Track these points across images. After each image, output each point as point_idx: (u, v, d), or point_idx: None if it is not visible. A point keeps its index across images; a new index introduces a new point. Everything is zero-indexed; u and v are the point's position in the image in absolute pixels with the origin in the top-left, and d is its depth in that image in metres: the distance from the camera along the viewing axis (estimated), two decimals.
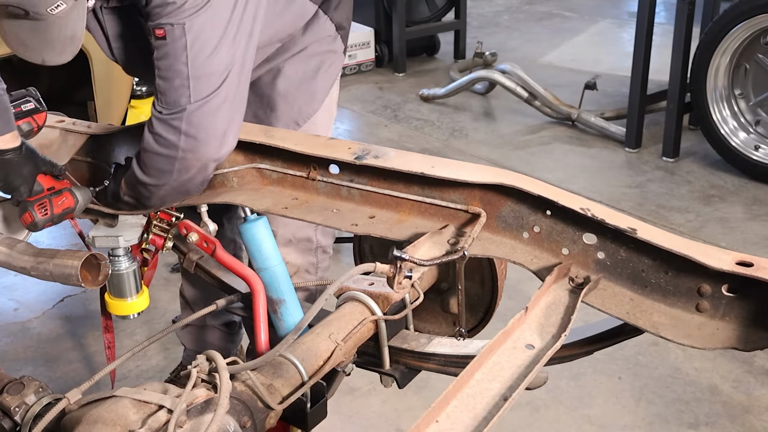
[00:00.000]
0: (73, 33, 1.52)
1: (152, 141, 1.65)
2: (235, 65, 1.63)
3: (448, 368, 1.62)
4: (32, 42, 1.50)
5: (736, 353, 2.85)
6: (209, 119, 1.62)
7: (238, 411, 1.24)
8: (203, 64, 1.59)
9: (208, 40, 1.58)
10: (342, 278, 1.35)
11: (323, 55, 2.05)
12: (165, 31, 1.57)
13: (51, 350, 3.10)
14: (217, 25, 1.58)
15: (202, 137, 1.63)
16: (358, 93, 6.02)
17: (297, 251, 2.16)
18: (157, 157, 1.67)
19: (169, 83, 1.60)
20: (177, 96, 1.60)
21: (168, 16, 1.55)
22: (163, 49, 1.59)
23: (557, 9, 8.42)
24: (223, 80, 1.61)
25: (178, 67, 1.58)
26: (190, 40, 1.56)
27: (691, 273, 1.31)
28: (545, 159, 4.80)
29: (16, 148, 1.73)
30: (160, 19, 1.57)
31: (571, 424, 2.65)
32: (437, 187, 1.56)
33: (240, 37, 1.62)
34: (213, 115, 1.62)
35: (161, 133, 1.64)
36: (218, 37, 1.58)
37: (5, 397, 1.31)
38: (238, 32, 1.61)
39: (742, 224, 3.94)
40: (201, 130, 1.62)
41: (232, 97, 1.65)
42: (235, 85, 1.64)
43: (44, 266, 1.62)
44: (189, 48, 1.56)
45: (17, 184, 1.75)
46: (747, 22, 4.16)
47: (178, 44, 1.56)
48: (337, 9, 2.04)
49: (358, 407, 2.71)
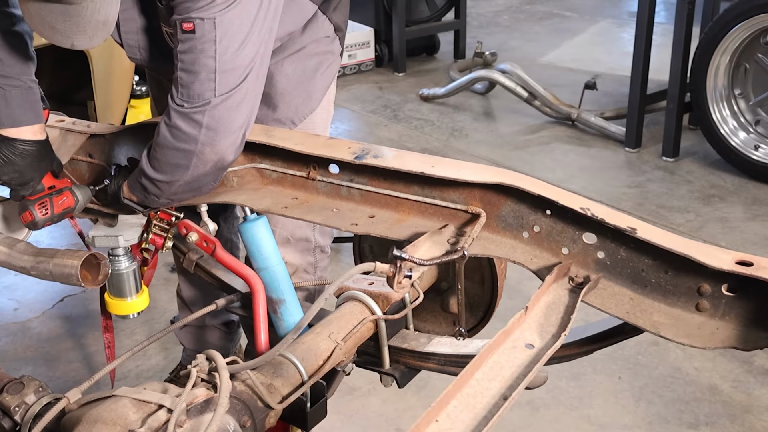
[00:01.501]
0: (106, 17, 1.49)
1: (169, 135, 1.63)
2: (257, 60, 1.62)
3: (448, 368, 1.62)
4: (63, 26, 1.47)
5: (736, 353, 2.86)
6: (231, 113, 1.61)
7: (238, 410, 1.24)
8: (231, 59, 1.57)
9: (237, 36, 1.57)
10: (342, 278, 1.35)
11: (322, 55, 2.06)
12: (194, 25, 1.55)
13: (51, 350, 3.10)
14: (246, 20, 1.57)
15: (222, 130, 1.61)
16: (358, 93, 6.02)
17: (295, 251, 2.16)
18: (173, 152, 1.64)
19: (194, 77, 1.58)
20: (202, 90, 1.58)
21: (198, 11, 1.54)
22: (189, 42, 1.56)
23: (557, 9, 8.42)
24: (246, 75, 1.60)
25: (205, 61, 1.56)
26: (220, 35, 1.55)
27: (691, 272, 1.31)
28: (545, 159, 4.80)
29: (42, 141, 1.72)
30: (189, 13, 1.55)
31: (571, 423, 2.65)
32: (437, 186, 1.56)
33: (264, 33, 1.62)
34: (235, 109, 1.61)
35: (181, 127, 1.61)
36: (246, 32, 1.58)
37: (5, 397, 1.31)
38: (263, 27, 1.61)
39: (742, 224, 3.94)
40: (222, 123, 1.60)
41: (252, 91, 1.64)
42: (255, 80, 1.63)
43: (44, 266, 1.62)
44: (218, 43, 1.55)
45: (30, 178, 1.75)
46: (747, 21, 4.16)
47: (206, 38, 1.55)
48: (335, 10, 2.04)
49: (358, 407, 2.71)
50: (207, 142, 1.61)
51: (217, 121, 1.60)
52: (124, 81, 3.62)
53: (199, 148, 1.62)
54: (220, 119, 1.60)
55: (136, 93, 4.08)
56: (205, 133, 1.61)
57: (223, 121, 1.61)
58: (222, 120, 1.61)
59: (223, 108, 1.60)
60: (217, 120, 1.60)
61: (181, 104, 1.60)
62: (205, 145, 1.61)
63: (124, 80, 3.59)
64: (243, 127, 1.65)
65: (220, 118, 1.60)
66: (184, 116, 1.61)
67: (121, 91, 3.61)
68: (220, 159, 1.65)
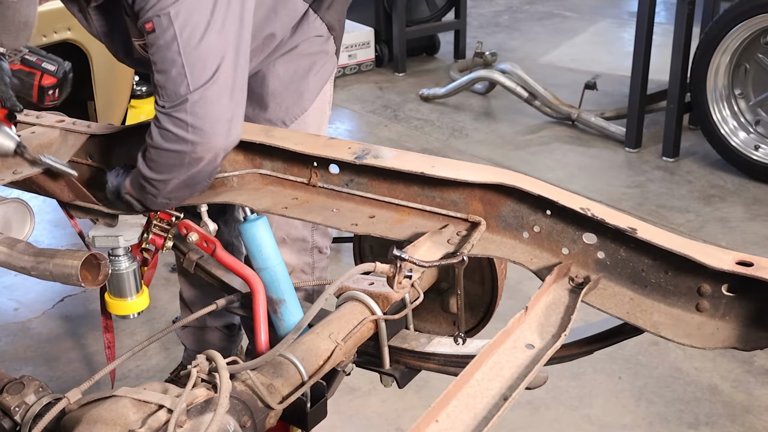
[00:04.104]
0: (26, 19, 1.58)
1: (160, 137, 1.65)
2: (229, 50, 1.63)
3: (448, 368, 1.62)
4: None
5: (736, 353, 2.86)
6: (212, 107, 1.62)
7: (238, 411, 1.24)
8: (195, 49, 1.59)
9: (197, 26, 1.58)
10: (342, 278, 1.35)
11: (315, 55, 2.05)
12: (153, 24, 1.58)
13: (51, 350, 3.10)
14: (204, 10, 1.59)
15: (208, 127, 1.63)
16: (358, 93, 6.02)
17: (292, 251, 2.15)
18: (166, 153, 1.66)
19: (166, 76, 1.61)
20: (176, 86, 1.60)
21: (153, 9, 1.57)
22: (155, 43, 1.60)
23: (557, 9, 8.42)
24: (218, 65, 1.61)
25: (172, 57, 1.59)
26: (179, 28, 1.57)
27: (691, 273, 1.31)
28: (545, 159, 4.80)
29: None
30: (146, 14, 1.58)
31: (571, 423, 2.65)
32: (437, 186, 1.56)
33: (230, 23, 1.63)
34: (216, 102, 1.62)
35: (169, 128, 1.63)
36: (206, 21, 1.59)
37: (5, 397, 1.31)
38: (227, 16, 1.62)
39: (742, 224, 3.94)
40: (206, 120, 1.62)
41: (231, 83, 1.64)
42: (232, 71, 1.64)
43: (44, 266, 1.62)
44: (179, 36, 1.57)
45: None
46: (747, 21, 4.16)
47: (167, 34, 1.58)
48: (329, 9, 2.04)
49: (358, 407, 2.71)
50: (196, 141, 1.63)
51: (201, 118, 1.62)
52: (124, 81, 3.62)
53: (190, 147, 1.63)
54: (204, 116, 1.62)
55: (136, 93, 4.08)
56: (192, 131, 1.62)
57: (207, 118, 1.62)
58: (206, 116, 1.62)
59: (202, 103, 1.61)
60: (200, 116, 1.61)
61: (162, 105, 1.63)
62: (196, 144, 1.63)
63: (124, 80, 3.60)
64: (230, 120, 1.65)
65: (204, 114, 1.62)
66: (168, 117, 1.63)
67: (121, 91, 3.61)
68: (213, 156, 1.66)
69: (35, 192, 2.07)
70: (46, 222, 3.97)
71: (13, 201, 1.85)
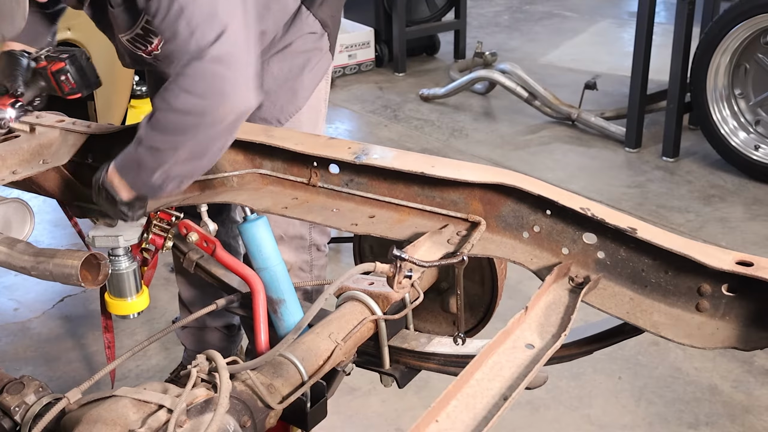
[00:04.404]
0: None
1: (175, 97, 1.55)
2: (235, 19, 1.55)
3: (448, 368, 1.62)
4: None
5: (736, 353, 2.86)
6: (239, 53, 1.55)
7: (238, 411, 1.24)
8: (198, 7, 1.53)
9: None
10: (342, 278, 1.35)
11: (309, 52, 2.04)
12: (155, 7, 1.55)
13: (51, 350, 3.10)
14: None
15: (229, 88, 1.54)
16: (358, 93, 6.02)
17: (289, 249, 2.15)
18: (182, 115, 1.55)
19: (174, 43, 1.55)
20: (185, 46, 1.53)
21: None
22: (157, 10, 1.54)
23: (557, 9, 8.42)
24: (223, 29, 1.53)
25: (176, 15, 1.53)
26: None
27: (691, 273, 1.31)
28: (545, 159, 4.80)
29: None
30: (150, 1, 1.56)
31: (571, 423, 2.65)
32: (437, 186, 1.56)
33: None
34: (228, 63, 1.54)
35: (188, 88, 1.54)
36: None
37: (5, 397, 1.31)
38: None
39: (742, 224, 3.94)
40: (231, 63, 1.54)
41: (240, 50, 1.56)
42: (243, 39, 1.57)
43: (44, 266, 1.62)
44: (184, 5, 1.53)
45: None
46: (747, 21, 4.16)
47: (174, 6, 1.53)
48: (322, 6, 2.03)
49: (358, 407, 2.71)
50: (225, 90, 1.54)
51: (221, 78, 1.53)
52: (124, 81, 3.62)
53: (211, 104, 1.53)
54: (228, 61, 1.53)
55: (136, 93, 4.09)
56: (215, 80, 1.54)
57: (232, 61, 1.54)
58: (231, 59, 1.54)
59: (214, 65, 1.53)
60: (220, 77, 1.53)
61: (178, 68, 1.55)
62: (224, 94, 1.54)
63: (124, 80, 3.60)
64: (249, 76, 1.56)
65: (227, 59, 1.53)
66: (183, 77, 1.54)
67: (121, 91, 3.62)
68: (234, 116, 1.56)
69: (35, 192, 2.07)
70: (46, 222, 3.97)
71: (13, 201, 1.85)
